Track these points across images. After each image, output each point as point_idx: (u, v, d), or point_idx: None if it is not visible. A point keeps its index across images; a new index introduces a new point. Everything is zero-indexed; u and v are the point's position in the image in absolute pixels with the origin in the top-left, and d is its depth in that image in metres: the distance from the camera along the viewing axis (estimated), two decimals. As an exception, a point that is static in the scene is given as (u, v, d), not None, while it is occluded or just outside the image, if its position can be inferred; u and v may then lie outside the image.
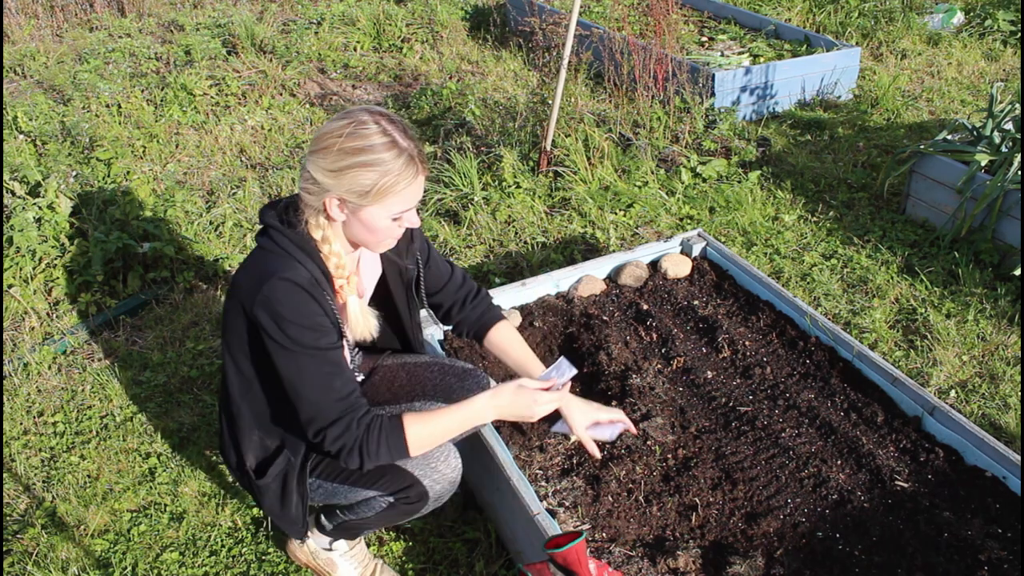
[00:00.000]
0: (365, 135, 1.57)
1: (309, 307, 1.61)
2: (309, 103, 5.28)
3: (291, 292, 1.60)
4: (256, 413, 1.81)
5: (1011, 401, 2.60)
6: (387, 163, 1.58)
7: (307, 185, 1.63)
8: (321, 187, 1.61)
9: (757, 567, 1.82)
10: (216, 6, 7.26)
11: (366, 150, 1.57)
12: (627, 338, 2.65)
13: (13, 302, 3.18)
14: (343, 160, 1.57)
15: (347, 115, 1.61)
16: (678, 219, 3.75)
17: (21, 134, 4.53)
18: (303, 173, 1.65)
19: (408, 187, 1.63)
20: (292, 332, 1.60)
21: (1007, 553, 1.83)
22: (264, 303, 1.60)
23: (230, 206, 3.90)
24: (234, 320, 1.71)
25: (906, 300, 3.12)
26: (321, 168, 1.59)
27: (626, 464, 2.11)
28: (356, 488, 1.83)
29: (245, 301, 1.64)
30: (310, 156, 1.62)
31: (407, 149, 1.60)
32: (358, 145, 1.57)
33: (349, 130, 1.57)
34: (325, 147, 1.58)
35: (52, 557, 2.19)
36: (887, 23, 5.94)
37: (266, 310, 1.60)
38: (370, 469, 1.70)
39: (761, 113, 4.84)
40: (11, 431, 2.67)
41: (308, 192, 1.64)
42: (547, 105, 4.01)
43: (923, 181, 3.56)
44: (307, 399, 1.63)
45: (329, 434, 1.62)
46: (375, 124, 1.58)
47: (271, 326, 1.60)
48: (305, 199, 1.65)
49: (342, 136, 1.57)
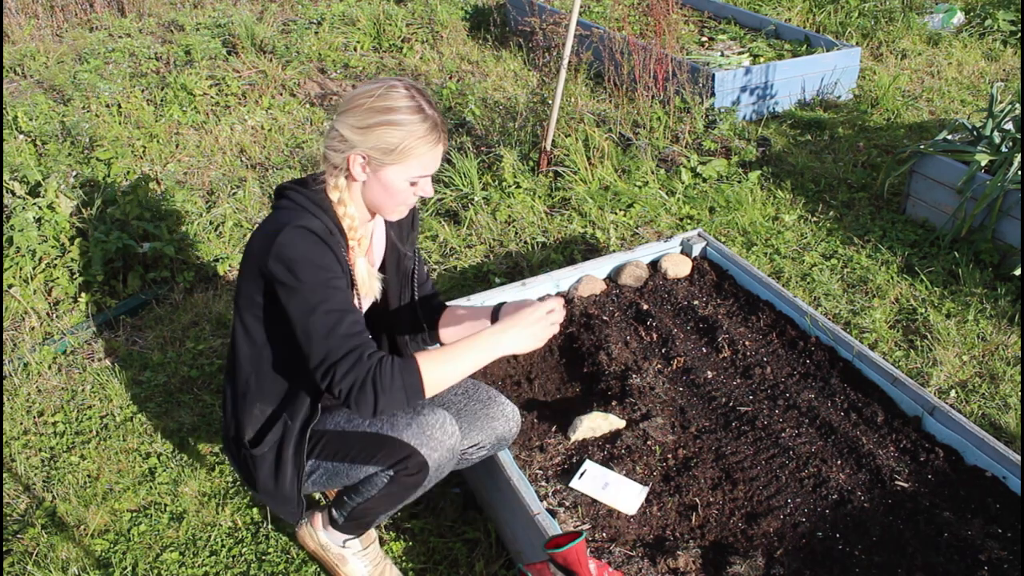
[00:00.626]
0: (395, 97, 1.68)
1: (320, 249, 1.67)
2: (309, 103, 5.28)
3: (304, 237, 1.66)
4: (264, 382, 1.82)
5: (1011, 401, 2.60)
6: (413, 124, 1.69)
7: (333, 143, 1.72)
8: (348, 143, 1.70)
9: (757, 567, 1.82)
10: (216, 6, 7.26)
11: (395, 110, 1.68)
12: (627, 338, 2.65)
13: (13, 302, 3.18)
14: (372, 118, 1.67)
15: (379, 80, 1.73)
16: (678, 219, 3.75)
17: (21, 134, 4.53)
18: (330, 132, 1.74)
19: (430, 151, 1.73)
20: (303, 272, 1.63)
21: (1007, 553, 1.83)
22: (277, 252, 1.65)
23: (230, 206, 3.90)
24: (248, 283, 1.75)
25: (906, 300, 3.12)
26: (349, 125, 1.69)
27: (626, 464, 2.11)
28: (355, 465, 1.82)
29: (259, 258, 1.69)
30: (339, 116, 1.72)
31: (432, 116, 1.71)
32: (388, 105, 1.68)
33: (380, 92, 1.69)
34: (355, 106, 1.69)
35: (52, 557, 2.19)
36: (887, 23, 5.94)
37: (279, 258, 1.64)
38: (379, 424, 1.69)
39: (761, 113, 4.85)
40: (11, 431, 2.67)
41: (333, 150, 1.73)
42: (547, 105, 4.01)
43: (923, 181, 3.56)
44: (316, 338, 1.61)
45: (339, 369, 1.59)
46: (404, 90, 1.70)
47: (282, 271, 1.64)
48: (329, 157, 1.74)
49: (373, 96, 1.68)
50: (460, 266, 3.45)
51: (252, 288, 1.75)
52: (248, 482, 1.93)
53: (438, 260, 3.52)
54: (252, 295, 1.76)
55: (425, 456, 1.77)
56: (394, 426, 1.80)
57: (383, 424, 1.82)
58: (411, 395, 1.61)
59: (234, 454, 1.93)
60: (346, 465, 1.84)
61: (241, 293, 1.79)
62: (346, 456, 1.84)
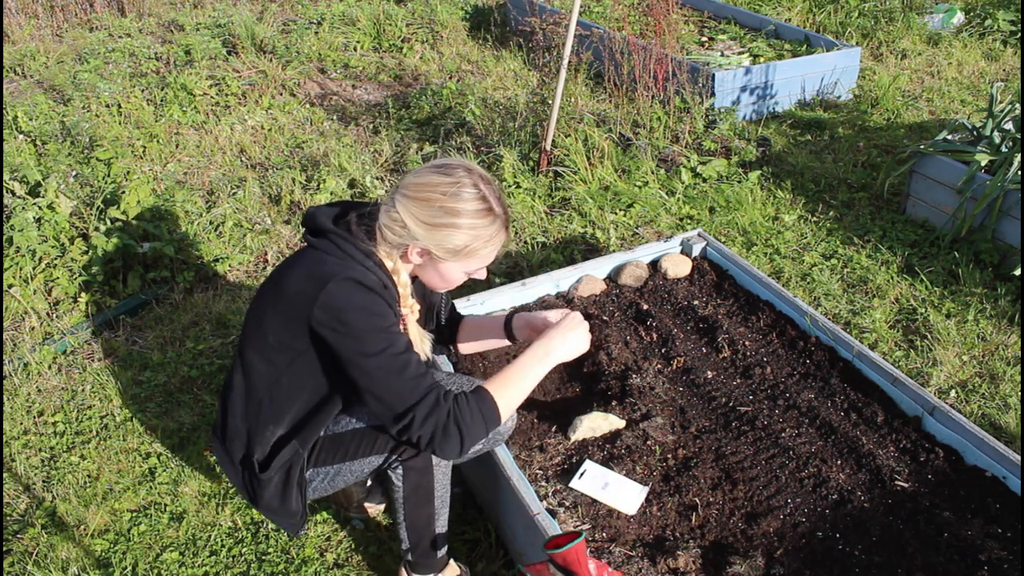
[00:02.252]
0: (466, 198, 1.64)
1: (377, 300, 1.63)
2: (309, 103, 5.28)
3: (359, 290, 1.61)
4: (277, 406, 1.80)
5: (1011, 401, 2.60)
6: (482, 228, 1.66)
7: (395, 227, 1.66)
8: (410, 234, 1.65)
9: (757, 567, 1.82)
10: (216, 6, 7.26)
11: (465, 214, 1.64)
12: (627, 338, 2.65)
13: (13, 302, 3.18)
14: (441, 218, 1.63)
15: (447, 170, 1.65)
16: (678, 219, 3.75)
17: (21, 134, 4.53)
18: (390, 211, 1.66)
19: (493, 250, 1.73)
20: (362, 321, 1.59)
21: (1007, 553, 1.83)
22: (327, 302, 1.59)
23: (230, 206, 3.90)
24: (273, 322, 1.70)
25: (906, 300, 3.12)
26: (415, 217, 1.64)
27: (626, 464, 2.11)
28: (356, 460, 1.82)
29: (299, 303, 1.63)
30: (403, 200, 1.65)
31: (500, 216, 1.69)
32: (459, 208, 1.63)
33: (452, 190, 1.63)
34: (425, 199, 1.63)
35: (52, 557, 2.19)
36: (887, 23, 5.94)
37: (329, 308, 1.59)
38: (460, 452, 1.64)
39: (761, 113, 4.85)
40: (11, 431, 2.67)
41: (393, 233, 1.67)
42: (547, 105, 4.01)
43: (923, 181, 3.56)
44: (384, 386, 1.59)
45: (417, 414, 1.57)
46: (474, 188, 1.65)
47: (334, 321, 1.59)
48: (387, 236, 1.68)
49: (445, 194, 1.62)
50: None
51: (282, 328, 1.69)
52: (249, 497, 1.90)
53: (438, 260, 3.52)
54: (278, 332, 1.70)
55: None
56: None
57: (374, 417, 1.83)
58: (490, 425, 1.64)
59: (236, 469, 1.90)
60: (347, 463, 1.84)
61: (261, 329, 1.73)
62: (346, 455, 1.84)
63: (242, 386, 1.83)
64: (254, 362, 1.78)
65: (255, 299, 1.83)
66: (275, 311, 1.71)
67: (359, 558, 2.18)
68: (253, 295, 1.88)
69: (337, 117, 5.05)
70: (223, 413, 1.90)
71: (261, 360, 1.76)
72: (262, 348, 1.75)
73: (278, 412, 1.80)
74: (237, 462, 1.89)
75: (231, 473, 1.92)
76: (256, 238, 3.71)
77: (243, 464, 1.87)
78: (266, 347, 1.74)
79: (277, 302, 1.71)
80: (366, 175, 4.14)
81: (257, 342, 1.76)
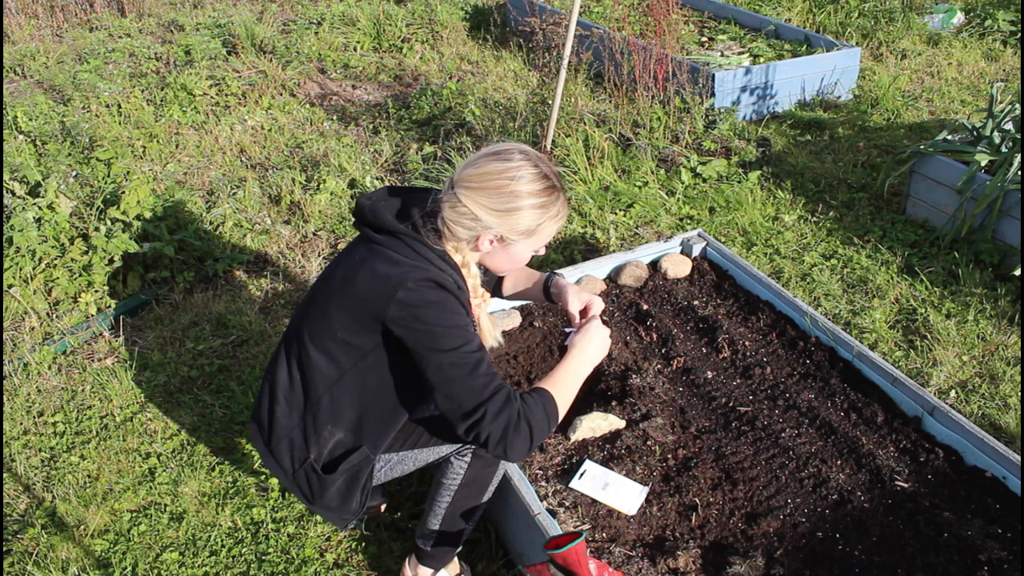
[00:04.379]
0: (530, 179, 1.66)
1: (453, 302, 1.64)
2: (309, 103, 5.28)
3: (434, 289, 1.63)
4: (339, 407, 1.78)
5: (1011, 401, 2.60)
6: (551, 206, 1.69)
7: (464, 220, 1.67)
8: (482, 224, 1.67)
9: (757, 567, 1.82)
10: (216, 6, 7.26)
11: (532, 195, 1.66)
12: (627, 338, 2.65)
13: (13, 302, 3.18)
14: (511, 202, 1.65)
15: (505, 155, 1.68)
16: (678, 219, 3.75)
17: (21, 134, 4.53)
18: (456, 207, 1.67)
19: (558, 224, 1.75)
20: (439, 318, 1.60)
21: (1007, 553, 1.83)
22: (407, 300, 1.60)
23: (230, 206, 3.90)
24: (341, 317, 1.69)
25: (906, 300, 3.12)
26: (485, 207, 1.65)
27: (626, 464, 2.11)
28: (427, 448, 1.84)
29: (372, 300, 1.64)
30: (468, 192, 1.66)
31: (561, 191, 1.72)
32: (528, 189, 1.65)
33: (517, 174, 1.65)
34: (492, 188, 1.65)
35: (52, 557, 2.19)
36: (887, 23, 5.94)
37: (409, 308, 1.60)
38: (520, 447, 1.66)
39: (761, 113, 4.84)
40: (11, 431, 2.67)
41: (463, 227, 1.68)
42: (547, 105, 4.01)
43: (923, 181, 3.56)
44: (456, 381, 1.60)
45: (488, 410, 1.58)
46: (535, 168, 1.67)
47: (412, 320, 1.60)
48: (456, 231, 1.69)
49: (512, 179, 1.65)
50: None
51: (347, 320, 1.69)
52: (302, 495, 1.87)
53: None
54: (347, 326, 1.70)
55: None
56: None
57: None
58: (552, 424, 1.67)
59: (284, 465, 1.86)
60: (416, 451, 1.85)
61: (328, 324, 1.72)
62: (416, 443, 1.85)
63: (299, 382, 1.80)
64: (316, 358, 1.76)
65: (315, 292, 1.81)
66: (343, 307, 1.70)
67: (359, 558, 2.18)
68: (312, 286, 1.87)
69: (337, 117, 5.05)
70: (270, 407, 1.85)
71: (323, 357, 1.75)
72: (326, 344, 1.74)
73: (338, 413, 1.79)
74: (287, 462, 1.85)
75: (279, 473, 1.88)
76: (256, 238, 3.71)
77: (296, 464, 1.84)
78: (331, 343, 1.73)
79: (345, 298, 1.70)
80: (366, 175, 4.14)
81: (321, 337, 1.75)
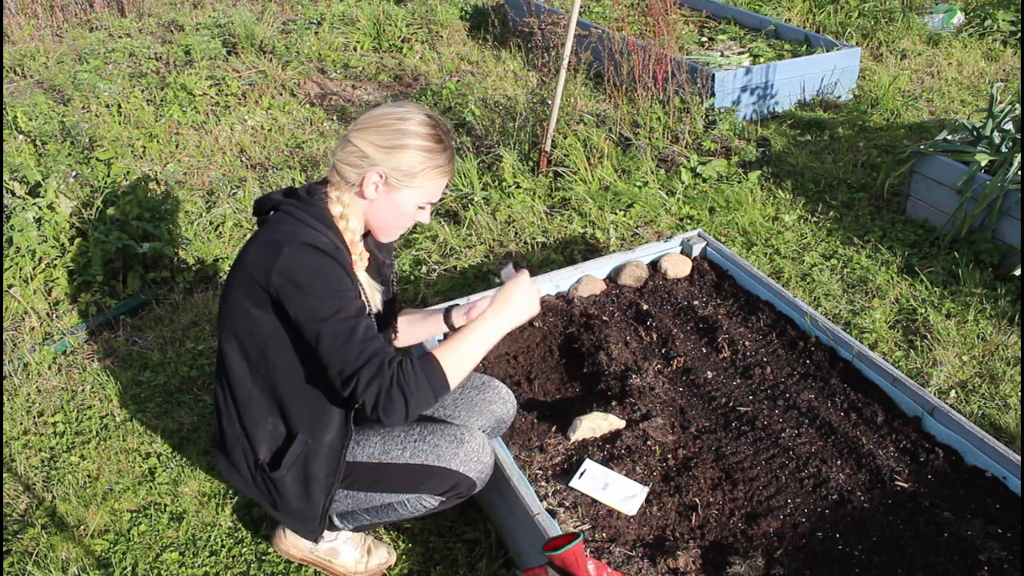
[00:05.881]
0: (418, 123, 1.73)
1: (330, 263, 1.66)
2: (309, 103, 5.28)
3: (311, 253, 1.64)
4: (269, 398, 1.80)
5: (1011, 401, 2.60)
6: (435, 153, 1.74)
7: (350, 158, 1.72)
8: (369, 160, 1.71)
9: (757, 567, 1.82)
10: (216, 6, 7.25)
11: (419, 135, 1.72)
12: (627, 338, 2.65)
13: (13, 302, 3.18)
14: (397, 139, 1.70)
15: (400, 104, 1.77)
16: (678, 219, 3.75)
17: (21, 134, 4.53)
18: (346, 147, 1.73)
19: (443, 179, 1.79)
20: (314, 285, 1.62)
21: (1007, 553, 1.83)
22: (282, 267, 1.63)
23: (230, 206, 3.90)
24: (239, 300, 1.72)
25: (906, 300, 3.12)
26: (371, 143, 1.71)
27: (626, 464, 2.11)
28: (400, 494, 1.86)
29: (257, 272, 1.66)
30: (358, 132, 1.73)
31: (450, 148, 1.78)
32: (413, 130, 1.72)
33: (405, 115, 1.73)
34: (380, 125, 1.72)
35: (52, 557, 2.19)
36: (887, 23, 5.94)
37: (284, 272, 1.63)
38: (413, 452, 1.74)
39: (761, 113, 4.85)
40: (11, 431, 2.67)
41: (349, 165, 1.73)
42: (547, 105, 4.01)
43: (923, 181, 3.56)
44: (334, 349, 1.60)
45: (361, 378, 1.57)
46: (425, 116, 1.75)
47: (290, 286, 1.62)
48: (342, 171, 1.74)
49: (401, 119, 1.72)
50: (460, 266, 3.45)
51: (245, 303, 1.72)
52: (269, 504, 1.88)
53: (438, 260, 3.52)
54: (246, 309, 1.72)
55: (475, 479, 1.86)
56: (440, 456, 1.83)
57: (427, 454, 1.83)
58: (438, 391, 1.63)
59: (246, 478, 1.88)
60: (387, 495, 1.87)
61: (231, 310, 1.75)
62: (388, 487, 1.85)
63: (228, 387, 1.83)
64: (231, 357, 1.79)
65: (223, 288, 1.84)
66: (239, 288, 1.73)
67: (359, 558, 2.18)
68: None
69: (337, 117, 5.05)
70: (218, 423, 1.89)
71: (237, 354, 1.78)
72: (235, 338, 1.77)
73: (271, 403, 1.81)
74: (245, 469, 1.86)
75: (243, 484, 1.89)
76: (256, 238, 3.71)
77: (253, 469, 1.85)
78: (240, 335, 1.76)
79: (239, 279, 1.74)
80: (366, 175, 4.14)
81: (228, 330, 1.78)
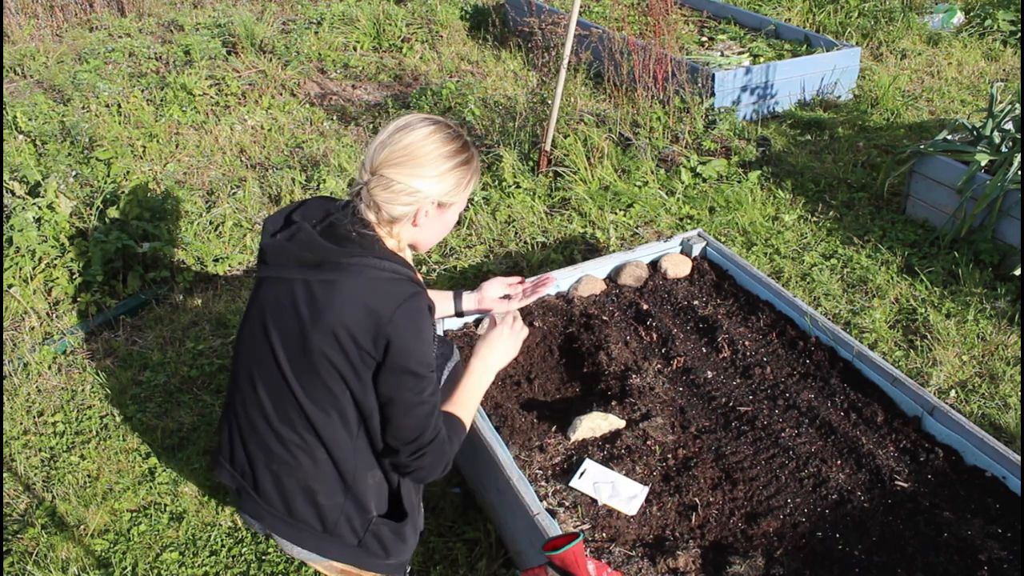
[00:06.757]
0: (451, 138, 1.67)
1: (431, 326, 1.65)
2: (309, 103, 5.28)
3: (425, 316, 1.61)
4: (363, 454, 1.69)
5: (1011, 401, 2.60)
6: (468, 161, 1.70)
7: (401, 197, 1.61)
8: (422, 195, 1.63)
9: (757, 567, 1.82)
10: (216, 6, 7.25)
11: (454, 151, 1.66)
12: (627, 338, 2.65)
13: (13, 302, 3.18)
14: (444, 164, 1.64)
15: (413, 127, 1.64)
16: (678, 219, 3.75)
17: (21, 134, 4.53)
18: (390, 186, 1.60)
19: (477, 178, 1.77)
20: (425, 358, 1.60)
21: (1007, 553, 1.83)
22: (401, 327, 1.55)
23: (230, 206, 3.90)
24: (335, 354, 1.57)
25: (906, 300, 3.12)
26: (420, 177, 1.62)
27: (626, 464, 2.11)
28: None
29: (362, 327, 1.54)
30: (397, 168, 1.60)
31: (471, 146, 1.74)
32: (453, 148, 1.66)
33: (439, 136, 1.65)
34: (420, 157, 1.62)
35: (52, 557, 2.19)
36: (887, 23, 5.94)
37: (403, 336, 1.55)
38: None
39: (761, 113, 4.84)
40: (11, 431, 2.67)
41: (401, 204, 1.63)
42: (547, 105, 4.01)
43: (923, 181, 3.56)
44: (419, 418, 1.61)
45: (428, 452, 1.65)
46: (446, 128, 1.68)
47: (405, 351, 1.55)
48: (393, 212, 1.63)
49: (436, 143, 1.64)
50: (460, 266, 3.45)
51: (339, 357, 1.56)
52: (377, 555, 1.76)
53: (438, 260, 3.52)
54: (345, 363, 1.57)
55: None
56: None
57: None
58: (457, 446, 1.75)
59: (348, 542, 1.72)
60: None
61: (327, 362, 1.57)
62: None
63: (321, 460, 1.66)
64: (324, 428, 1.63)
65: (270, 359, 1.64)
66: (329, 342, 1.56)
67: (359, 558, 2.18)
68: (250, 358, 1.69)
69: (337, 117, 5.05)
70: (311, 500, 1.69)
71: (335, 423, 1.63)
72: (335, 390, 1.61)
73: (368, 458, 1.70)
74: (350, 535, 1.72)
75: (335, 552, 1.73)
76: (256, 238, 3.71)
77: (361, 530, 1.73)
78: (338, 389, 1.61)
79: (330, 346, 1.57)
80: (366, 175, 4.13)
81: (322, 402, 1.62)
